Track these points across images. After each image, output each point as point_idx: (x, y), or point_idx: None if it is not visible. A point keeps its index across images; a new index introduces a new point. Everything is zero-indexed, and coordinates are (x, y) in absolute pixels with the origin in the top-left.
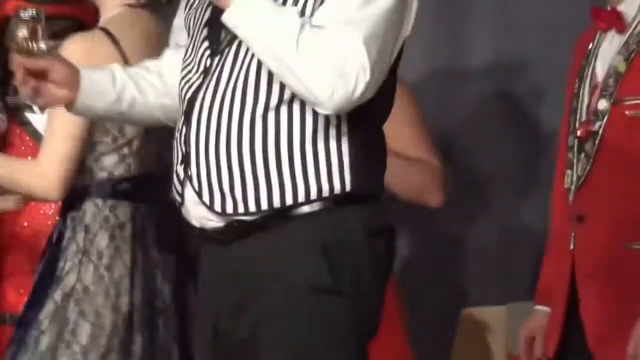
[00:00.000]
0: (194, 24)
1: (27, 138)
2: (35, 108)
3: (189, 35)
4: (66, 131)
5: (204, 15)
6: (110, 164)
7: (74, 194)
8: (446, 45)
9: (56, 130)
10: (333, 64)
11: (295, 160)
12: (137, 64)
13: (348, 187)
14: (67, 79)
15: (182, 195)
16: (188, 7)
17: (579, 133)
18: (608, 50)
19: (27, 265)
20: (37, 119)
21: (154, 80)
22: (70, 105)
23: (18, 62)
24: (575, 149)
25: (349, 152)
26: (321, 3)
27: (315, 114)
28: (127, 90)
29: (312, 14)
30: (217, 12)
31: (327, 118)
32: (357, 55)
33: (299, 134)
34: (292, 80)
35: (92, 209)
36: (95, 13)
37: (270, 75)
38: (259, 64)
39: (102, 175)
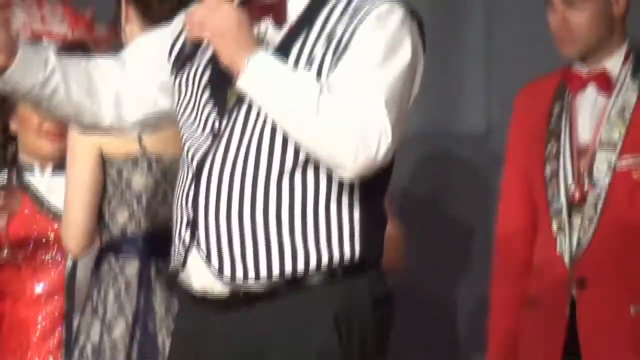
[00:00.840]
0: (192, 81)
1: (28, 200)
2: (36, 170)
3: (179, 88)
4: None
5: (203, 73)
6: (122, 220)
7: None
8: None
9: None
10: (355, 128)
11: (308, 227)
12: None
13: (357, 255)
14: (5, 44)
15: (184, 260)
16: (177, 55)
17: (576, 197)
18: (592, 111)
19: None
20: (37, 181)
21: (81, 77)
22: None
23: None
24: (564, 213)
25: (360, 219)
26: (336, 64)
27: (329, 180)
28: (54, 78)
29: (327, 76)
30: (220, 71)
31: (340, 184)
32: (379, 118)
33: (313, 200)
34: (313, 146)
35: (105, 267)
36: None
37: (285, 139)
38: (273, 127)
39: (116, 232)
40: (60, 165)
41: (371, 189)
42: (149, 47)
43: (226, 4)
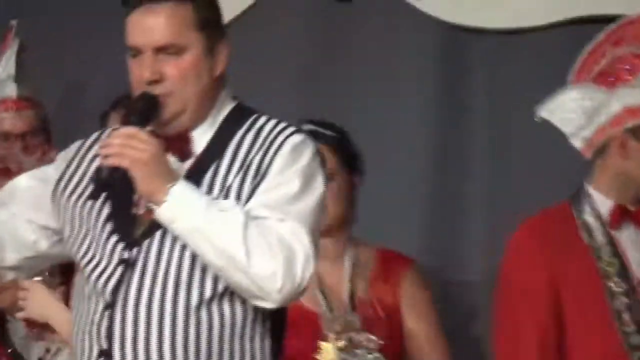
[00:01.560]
0: (87, 213)
1: None
2: None
3: (72, 223)
4: None
5: (101, 209)
6: None
7: None
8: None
9: None
10: (282, 258)
11: (224, 358)
12: None
13: None
14: None
15: None
16: (63, 189)
17: None
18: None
19: None
20: None
21: None
22: None
23: None
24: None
25: (271, 349)
26: (253, 192)
27: (244, 310)
28: None
29: (245, 203)
30: (121, 202)
31: (255, 313)
32: (304, 247)
33: (230, 331)
34: (239, 276)
35: None
36: None
37: (204, 269)
38: (193, 257)
39: None
40: None
41: (278, 317)
42: (28, 189)
43: (142, 132)
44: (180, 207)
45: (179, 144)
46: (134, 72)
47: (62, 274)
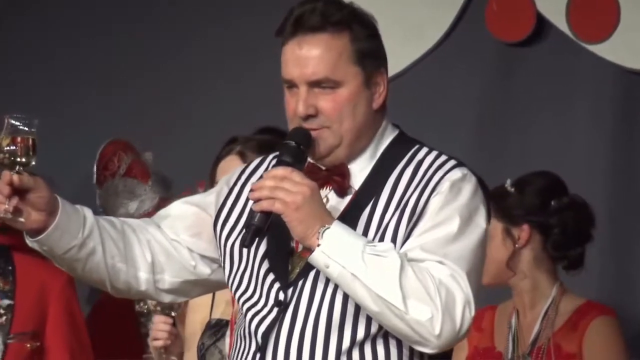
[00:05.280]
0: (246, 252)
1: None
2: None
3: (231, 257)
4: None
5: (258, 245)
6: None
7: None
8: None
9: None
10: (440, 302)
11: None
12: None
13: None
14: (47, 204)
15: None
16: (223, 223)
17: None
18: None
19: None
20: None
21: (117, 239)
22: (37, 233)
23: (5, 177)
24: None
25: None
26: (410, 233)
27: (399, 350)
28: (91, 239)
29: (402, 244)
30: (278, 242)
31: (411, 354)
32: (464, 290)
33: None
34: (396, 321)
35: None
36: None
37: (357, 311)
38: (344, 298)
39: None
40: None
41: (436, 356)
42: (190, 214)
43: (295, 173)
44: (334, 251)
45: (337, 178)
46: (288, 105)
47: None
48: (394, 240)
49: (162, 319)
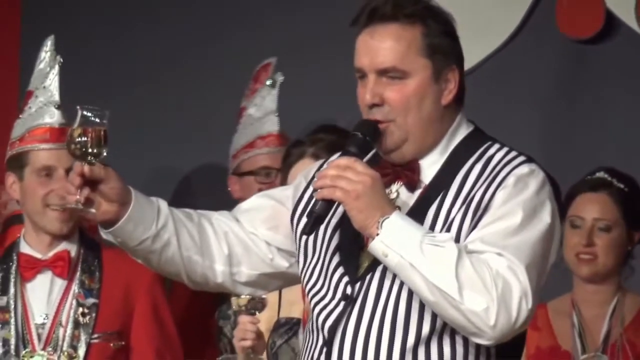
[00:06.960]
0: (320, 244)
1: None
2: None
3: (305, 251)
4: None
5: (331, 237)
6: None
7: None
8: None
9: None
10: (496, 293)
11: None
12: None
13: None
14: (119, 195)
15: None
16: (300, 216)
17: None
18: None
19: None
20: None
21: (192, 231)
22: (110, 224)
23: (77, 168)
24: None
25: None
26: (474, 227)
27: (465, 347)
28: (166, 231)
29: (465, 238)
30: (350, 235)
31: (477, 350)
32: (521, 282)
33: None
34: (451, 312)
35: None
36: None
37: (423, 306)
38: (410, 293)
39: None
40: None
41: (507, 352)
42: (268, 207)
43: (358, 163)
44: (393, 241)
45: (407, 173)
46: (359, 95)
47: None
48: (458, 234)
49: (248, 319)
